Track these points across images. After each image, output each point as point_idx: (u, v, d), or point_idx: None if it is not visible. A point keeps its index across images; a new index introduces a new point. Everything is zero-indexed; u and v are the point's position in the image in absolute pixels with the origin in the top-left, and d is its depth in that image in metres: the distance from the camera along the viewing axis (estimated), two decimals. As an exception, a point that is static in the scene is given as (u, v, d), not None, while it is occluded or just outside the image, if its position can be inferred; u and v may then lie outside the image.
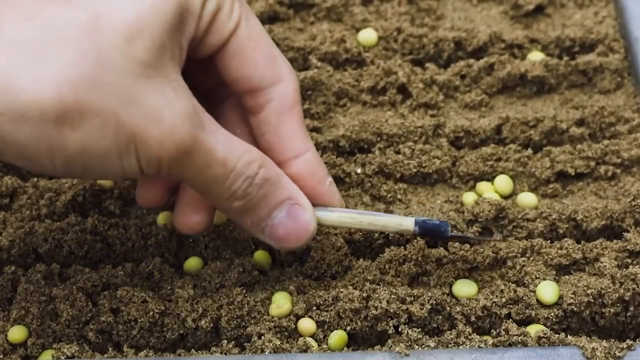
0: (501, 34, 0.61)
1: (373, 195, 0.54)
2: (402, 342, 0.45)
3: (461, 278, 0.49)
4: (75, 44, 0.38)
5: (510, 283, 0.48)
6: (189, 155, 0.41)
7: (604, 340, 0.45)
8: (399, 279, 0.49)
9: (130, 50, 0.39)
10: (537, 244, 0.50)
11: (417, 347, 0.45)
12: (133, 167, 0.40)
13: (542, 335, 0.45)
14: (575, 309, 0.47)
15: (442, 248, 0.50)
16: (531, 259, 0.49)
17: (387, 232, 0.49)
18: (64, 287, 0.48)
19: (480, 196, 0.53)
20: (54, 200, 0.53)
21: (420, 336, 0.45)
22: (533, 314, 0.47)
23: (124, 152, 0.39)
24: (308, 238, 0.45)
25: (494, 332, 0.46)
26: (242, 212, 0.44)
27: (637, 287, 0.47)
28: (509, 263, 0.49)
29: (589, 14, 0.62)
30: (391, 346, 0.45)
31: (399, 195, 0.53)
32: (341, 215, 0.47)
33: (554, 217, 0.51)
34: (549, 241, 0.50)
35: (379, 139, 0.55)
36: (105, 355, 0.46)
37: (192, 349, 0.46)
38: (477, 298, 0.47)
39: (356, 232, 0.51)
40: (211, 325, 0.47)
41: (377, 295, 0.46)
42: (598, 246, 0.50)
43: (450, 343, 0.45)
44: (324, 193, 0.46)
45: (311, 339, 0.46)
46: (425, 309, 0.46)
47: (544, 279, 0.48)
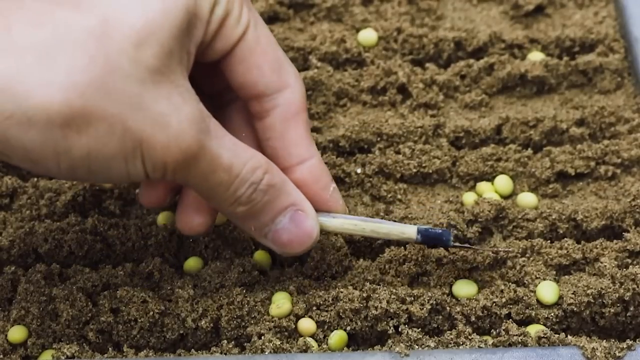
0: (501, 34, 0.60)
1: (373, 195, 0.54)
2: (402, 342, 0.45)
3: (461, 278, 0.49)
4: (83, 49, 0.38)
5: (510, 283, 0.48)
6: (195, 161, 0.41)
7: (604, 340, 0.45)
8: (399, 279, 0.49)
9: (138, 55, 0.39)
10: (537, 244, 0.50)
11: (417, 347, 0.45)
12: (138, 172, 0.40)
13: (542, 335, 0.45)
14: (575, 309, 0.47)
15: (442, 248, 0.50)
16: (531, 259, 0.49)
17: (389, 240, 0.49)
18: (64, 287, 0.48)
19: (480, 196, 0.53)
20: (54, 200, 0.53)
21: (420, 336, 0.45)
22: (533, 314, 0.47)
23: (130, 157, 0.39)
24: (311, 244, 0.46)
25: (494, 332, 0.46)
26: (246, 218, 0.44)
27: (637, 287, 0.46)
28: (509, 263, 0.49)
29: (589, 14, 0.62)
30: (391, 346, 0.45)
31: (399, 195, 0.53)
32: (344, 222, 0.47)
33: (554, 217, 0.51)
34: (549, 241, 0.50)
35: (379, 139, 0.55)
36: (105, 355, 0.46)
37: (192, 349, 0.46)
38: (477, 298, 0.47)
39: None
40: (211, 325, 0.47)
41: (377, 295, 0.46)
42: (598, 246, 0.50)
43: (450, 343, 0.45)
44: (328, 199, 0.47)
45: (311, 339, 0.46)
46: (425, 309, 0.46)
47: (544, 279, 0.48)
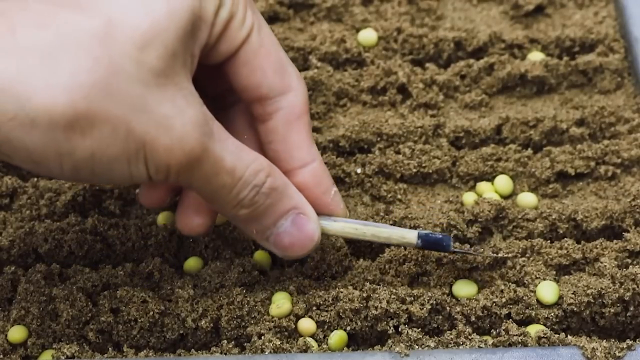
0: (501, 34, 0.60)
1: (373, 195, 0.54)
2: (402, 342, 0.45)
3: (461, 278, 0.49)
4: (87, 51, 0.38)
5: (510, 283, 0.48)
6: (198, 164, 0.41)
7: (604, 340, 0.45)
8: (399, 279, 0.49)
9: (142, 57, 0.39)
10: (537, 244, 0.50)
11: (417, 347, 0.45)
12: (141, 174, 0.40)
13: (542, 335, 0.45)
14: (575, 309, 0.47)
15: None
16: (531, 259, 0.49)
17: (389, 244, 0.49)
18: (64, 287, 0.48)
19: (480, 196, 0.53)
20: (54, 200, 0.53)
21: (420, 336, 0.45)
22: (533, 314, 0.47)
23: (133, 159, 0.39)
24: (312, 247, 0.46)
25: (494, 332, 0.46)
26: (248, 220, 0.44)
27: (637, 287, 0.46)
28: (509, 263, 0.49)
29: (589, 14, 0.62)
30: (391, 346, 0.45)
31: (399, 195, 0.53)
32: (345, 226, 0.47)
33: (554, 217, 0.51)
34: (549, 241, 0.50)
35: (379, 139, 0.55)
36: (105, 355, 0.46)
37: (192, 349, 0.46)
38: (477, 298, 0.47)
39: (356, 232, 0.51)
40: (211, 325, 0.47)
41: (377, 295, 0.46)
42: (598, 246, 0.50)
43: (450, 343, 0.45)
44: (329, 203, 0.47)
45: (311, 339, 0.46)
46: (425, 309, 0.46)
47: (544, 279, 0.48)
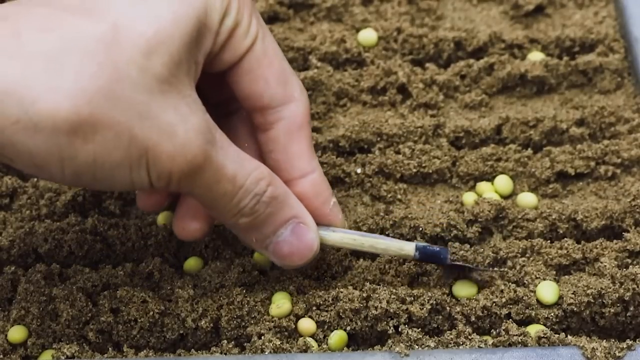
0: (501, 34, 0.60)
1: (373, 195, 0.54)
2: (402, 342, 0.45)
3: (461, 279, 0.49)
4: (92, 56, 0.38)
5: (510, 283, 0.48)
6: (200, 171, 0.41)
7: (604, 340, 0.45)
8: (399, 279, 0.49)
9: (147, 64, 0.39)
10: (537, 244, 0.50)
11: (417, 347, 0.45)
12: (143, 181, 0.40)
13: (542, 335, 0.45)
14: (575, 309, 0.47)
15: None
16: (531, 259, 0.49)
17: (387, 256, 0.49)
18: (64, 287, 0.48)
19: (480, 196, 0.53)
20: (54, 200, 0.53)
21: (420, 336, 0.45)
22: (533, 314, 0.47)
23: (135, 166, 0.40)
24: (311, 257, 0.46)
25: (494, 332, 0.46)
26: (248, 229, 0.44)
27: (637, 287, 0.46)
28: (509, 263, 0.49)
29: (589, 14, 0.62)
30: (391, 346, 0.45)
31: (399, 195, 0.53)
32: (343, 237, 0.47)
33: (554, 217, 0.51)
34: (549, 241, 0.50)
35: (379, 139, 0.55)
36: (105, 355, 0.46)
37: (192, 349, 0.46)
38: (477, 298, 0.47)
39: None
40: (211, 325, 0.47)
41: (377, 295, 0.46)
42: (598, 246, 0.50)
43: (450, 343, 0.45)
44: (328, 213, 0.47)
45: (311, 339, 0.46)
46: (425, 308, 0.46)
47: (544, 279, 0.48)
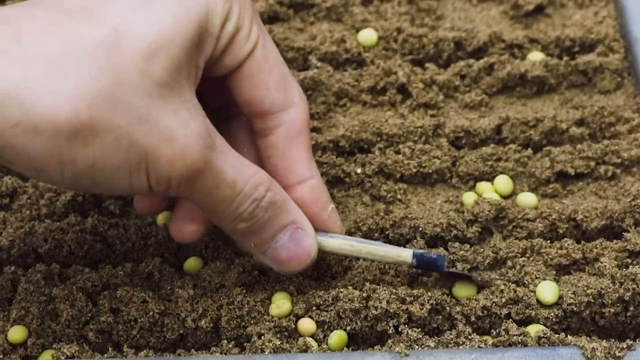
0: (501, 34, 0.60)
1: (373, 195, 0.54)
2: (402, 342, 0.45)
3: (460, 280, 0.49)
4: (92, 60, 0.38)
5: (510, 283, 0.48)
6: (199, 176, 0.41)
7: (604, 340, 0.45)
8: (399, 279, 0.49)
9: (147, 69, 0.39)
10: (537, 244, 0.50)
11: (417, 347, 0.45)
12: (142, 185, 0.40)
13: (542, 335, 0.45)
14: (575, 309, 0.47)
15: (442, 248, 0.50)
16: (531, 259, 0.49)
17: (385, 262, 0.49)
18: (64, 287, 0.48)
19: (480, 196, 0.53)
20: (54, 200, 0.53)
21: (420, 336, 0.45)
22: (533, 314, 0.47)
23: (135, 170, 0.40)
24: (309, 263, 0.46)
25: (494, 332, 0.46)
26: (246, 234, 0.44)
27: (637, 287, 0.46)
28: (509, 263, 0.49)
29: (589, 14, 0.62)
30: (391, 346, 0.45)
31: (399, 195, 0.53)
32: (341, 243, 0.47)
33: (554, 217, 0.51)
34: (549, 241, 0.50)
35: (379, 139, 0.55)
36: (105, 355, 0.46)
37: (192, 349, 0.46)
38: (477, 298, 0.47)
39: (356, 232, 0.51)
40: (211, 325, 0.47)
41: (377, 295, 0.46)
42: (598, 246, 0.50)
43: (450, 343, 0.45)
44: (326, 220, 0.47)
45: (311, 339, 0.46)
46: (425, 308, 0.46)
47: (544, 279, 0.48)
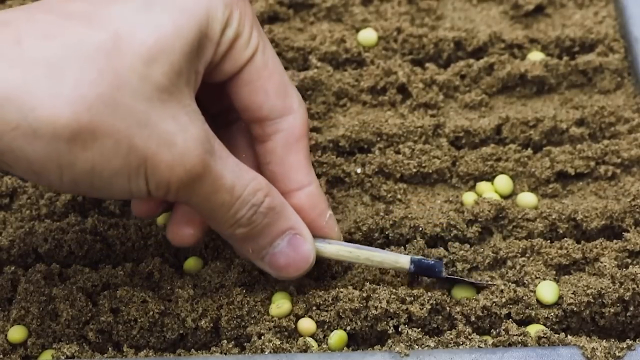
0: (501, 34, 0.60)
1: (373, 195, 0.54)
2: (402, 342, 0.45)
3: (460, 281, 0.49)
4: (93, 63, 0.38)
5: (510, 283, 0.48)
6: (198, 181, 0.41)
7: (604, 340, 0.45)
8: (398, 279, 0.49)
9: (147, 73, 0.39)
10: (537, 244, 0.50)
11: (417, 347, 0.45)
12: (141, 190, 0.40)
13: (542, 335, 0.45)
14: (575, 309, 0.47)
15: (442, 248, 0.50)
16: (531, 259, 0.49)
17: (383, 268, 0.49)
18: (64, 287, 0.48)
19: (480, 196, 0.53)
20: (54, 200, 0.53)
21: (420, 336, 0.45)
22: (533, 314, 0.47)
23: (134, 175, 0.40)
24: (307, 269, 0.46)
25: (494, 332, 0.46)
26: (244, 240, 0.44)
27: (637, 287, 0.46)
28: (509, 263, 0.49)
29: (589, 14, 0.62)
30: (391, 346, 0.45)
31: (399, 195, 0.53)
32: (339, 249, 0.47)
33: (554, 217, 0.51)
34: (549, 241, 0.50)
35: (379, 139, 0.55)
36: (105, 355, 0.46)
37: (192, 349, 0.46)
38: (477, 298, 0.47)
39: (356, 232, 0.51)
40: (211, 325, 0.47)
41: (377, 295, 0.46)
42: (598, 246, 0.50)
43: (450, 343, 0.45)
44: (323, 226, 0.47)
45: (311, 339, 0.46)
46: (425, 308, 0.46)
47: (544, 279, 0.48)
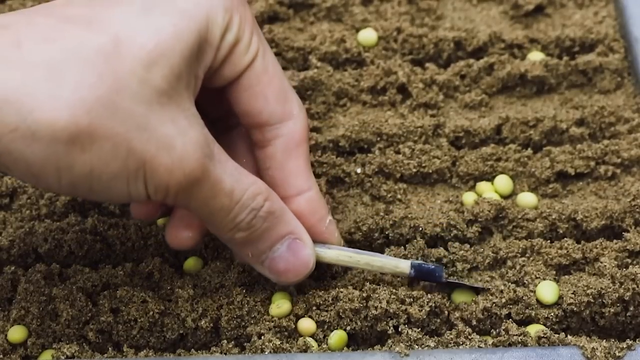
0: (501, 34, 0.60)
1: (373, 195, 0.54)
2: (402, 342, 0.45)
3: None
4: (92, 67, 0.38)
5: (510, 283, 0.48)
6: (197, 185, 0.41)
7: (604, 340, 0.45)
8: (398, 279, 0.49)
9: (147, 77, 0.39)
10: (537, 244, 0.50)
11: (417, 347, 0.45)
12: (140, 193, 0.40)
13: (542, 335, 0.45)
14: (575, 309, 0.47)
15: (442, 248, 0.50)
16: (531, 259, 0.49)
17: (383, 273, 0.49)
18: (64, 287, 0.48)
19: (480, 196, 0.53)
20: (54, 200, 0.53)
21: (420, 336, 0.45)
22: (533, 314, 0.47)
23: (132, 178, 0.40)
24: (306, 274, 0.46)
25: (494, 332, 0.46)
26: (244, 244, 0.44)
27: (637, 287, 0.46)
28: (509, 263, 0.49)
29: (589, 14, 0.62)
30: (391, 346, 0.45)
31: (398, 195, 0.53)
32: (339, 254, 0.47)
33: (554, 217, 0.51)
34: (549, 241, 0.50)
35: (379, 139, 0.55)
36: (105, 355, 0.46)
37: (192, 349, 0.46)
38: (477, 300, 0.47)
39: (356, 232, 0.51)
40: (211, 325, 0.47)
41: (377, 296, 0.46)
42: (598, 246, 0.50)
43: (450, 343, 0.45)
44: (323, 231, 0.47)
45: (311, 339, 0.46)
46: (424, 310, 0.46)
47: (544, 279, 0.48)
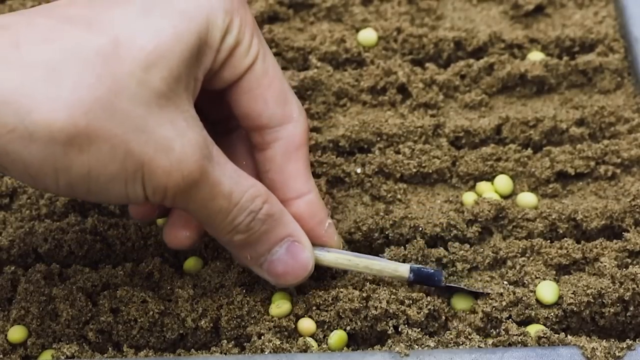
0: (501, 34, 0.60)
1: (373, 195, 0.54)
2: (402, 342, 0.45)
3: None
4: (91, 68, 0.38)
5: (509, 284, 0.48)
6: (195, 187, 0.41)
7: (604, 340, 0.45)
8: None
9: (146, 78, 0.39)
10: (537, 244, 0.50)
11: (417, 347, 0.45)
12: (138, 195, 0.40)
13: (542, 335, 0.45)
14: (575, 309, 0.47)
15: (442, 248, 0.50)
16: (531, 259, 0.49)
17: (382, 276, 0.49)
18: (64, 287, 0.48)
19: (480, 196, 0.53)
20: (54, 200, 0.53)
21: (420, 336, 0.45)
22: (533, 314, 0.47)
23: (130, 180, 0.39)
24: (305, 277, 0.46)
25: (494, 332, 0.46)
26: (242, 246, 0.44)
27: (637, 287, 0.46)
28: (509, 263, 0.49)
29: (589, 14, 0.62)
30: (391, 346, 0.45)
31: (398, 195, 0.53)
32: (338, 257, 0.47)
33: (554, 217, 0.51)
34: (549, 241, 0.50)
35: (379, 139, 0.55)
36: (105, 355, 0.46)
37: (192, 349, 0.46)
38: (476, 309, 0.47)
39: (356, 232, 0.51)
40: (211, 325, 0.47)
41: (377, 296, 0.46)
42: (598, 246, 0.50)
43: (450, 343, 0.45)
44: (323, 234, 0.47)
45: (311, 338, 0.46)
46: (422, 313, 0.46)
47: (544, 279, 0.48)
